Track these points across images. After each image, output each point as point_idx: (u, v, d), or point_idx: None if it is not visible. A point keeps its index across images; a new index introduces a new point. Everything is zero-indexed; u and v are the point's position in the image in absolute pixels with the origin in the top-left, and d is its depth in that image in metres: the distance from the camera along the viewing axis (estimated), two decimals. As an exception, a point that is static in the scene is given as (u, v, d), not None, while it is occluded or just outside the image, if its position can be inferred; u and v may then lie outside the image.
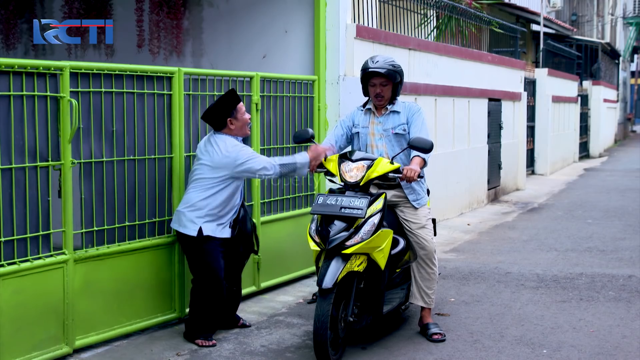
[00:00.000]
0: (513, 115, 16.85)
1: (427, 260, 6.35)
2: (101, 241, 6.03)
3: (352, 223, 5.64)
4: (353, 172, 5.86)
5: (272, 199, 7.77)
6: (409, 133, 6.26)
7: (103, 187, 6.02)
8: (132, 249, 6.26)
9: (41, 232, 5.54)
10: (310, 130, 6.29)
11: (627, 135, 40.96)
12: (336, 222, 5.63)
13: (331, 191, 5.89)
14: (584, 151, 27.58)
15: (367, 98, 6.47)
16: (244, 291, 7.13)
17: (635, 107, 48.88)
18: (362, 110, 6.46)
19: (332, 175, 6.06)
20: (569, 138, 24.51)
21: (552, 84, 21.26)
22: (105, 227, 6.05)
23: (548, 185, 18.23)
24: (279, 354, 6.03)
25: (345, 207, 5.62)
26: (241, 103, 6.25)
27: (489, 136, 14.90)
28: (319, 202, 5.70)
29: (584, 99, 27.21)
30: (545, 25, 22.90)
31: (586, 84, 28.30)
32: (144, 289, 6.41)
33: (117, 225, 6.14)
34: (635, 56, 46.86)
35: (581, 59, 28.09)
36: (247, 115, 6.27)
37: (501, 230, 11.84)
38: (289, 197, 8.06)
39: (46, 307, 5.57)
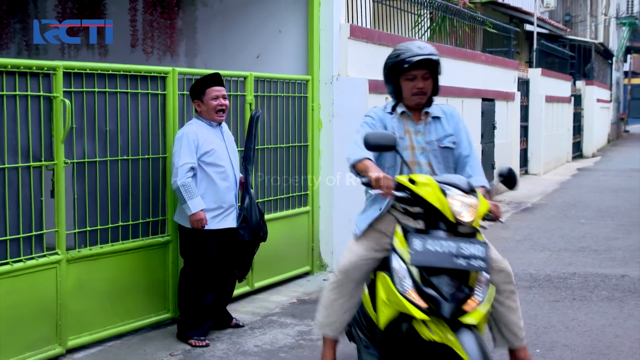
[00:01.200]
0: (506, 115, 16.87)
1: (508, 281, 4.74)
2: (94, 241, 6.02)
3: (464, 278, 4.08)
4: (465, 208, 4.13)
5: (266, 199, 7.77)
6: (458, 148, 4.83)
7: (96, 187, 6.01)
8: (126, 249, 6.25)
9: (34, 232, 5.53)
10: (393, 135, 4.45)
11: (620, 135, 41.04)
12: (443, 276, 4.02)
13: (418, 231, 4.21)
14: (577, 151, 27.63)
15: (386, 101, 4.99)
16: (237, 291, 7.13)
17: (629, 107, 48.99)
18: (391, 114, 4.79)
19: (420, 205, 4.21)
20: (562, 138, 24.55)
21: (545, 84, 21.29)
22: (99, 227, 6.05)
23: (541, 185, 18.26)
24: (273, 354, 6.03)
25: (459, 256, 4.01)
26: (214, 88, 6.25)
27: (482, 136, 14.91)
28: (419, 249, 4.03)
29: (577, 99, 27.26)
30: (538, 25, 22.94)
31: (579, 84, 28.34)
32: (138, 289, 6.40)
33: (110, 226, 6.14)
34: (629, 56, 46.97)
35: (574, 59, 28.13)
36: (217, 102, 6.25)
37: (494, 229, 11.85)
38: (283, 196, 8.06)
39: (39, 308, 5.56)
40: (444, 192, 4.12)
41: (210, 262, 6.23)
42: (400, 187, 4.27)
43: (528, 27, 24.26)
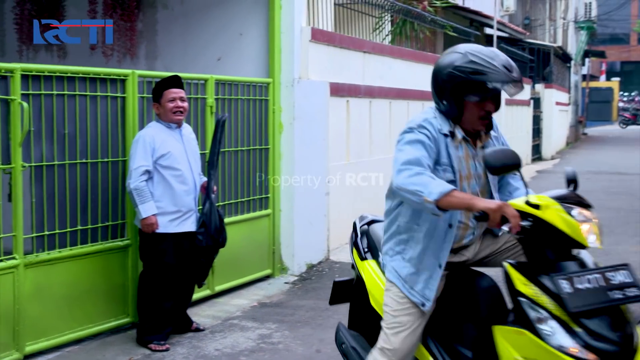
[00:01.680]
0: (467, 118, 16.97)
1: None
2: (52, 245, 5.96)
3: (618, 312, 3.31)
4: (587, 226, 3.44)
5: (227, 202, 7.74)
6: None
7: (55, 191, 5.95)
8: (85, 253, 6.20)
9: (-9, 237, 5.47)
10: (514, 151, 3.67)
11: (579, 137, 41.50)
12: (603, 317, 3.26)
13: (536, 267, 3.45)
14: (537, 153, 27.88)
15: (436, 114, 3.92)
16: (198, 295, 7.10)
17: (587, 110, 49.57)
18: (445, 135, 3.79)
19: (546, 231, 3.43)
20: (521, 140, 24.77)
21: (505, 87, 21.45)
22: (57, 231, 5.99)
23: (501, 188, 18.38)
24: (233, 357, 6.02)
25: (612, 289, 3.29)
26: (171, 90, 6.24)
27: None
28: (570, 290, 3.25)
29: (536, 102, 27.51)
30: (498, 29, 23.12)
31: (539, 87, 28.60)
32: (97, 294, 6.34)
33: (69, 230, 6.08)
34: (587, 60, 47.51)
35: (534, 62, 28.38)
36: (174, 104, 6.22)
37: None
38: (243, 200, 8.04)
39: (-4, 313, 5.49)
40: (568, 212, 3.43)
41: (168, 266, 6.20)
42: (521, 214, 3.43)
43: (488, 30, 24.44)
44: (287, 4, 8.69)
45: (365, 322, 4.47)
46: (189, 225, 6.28)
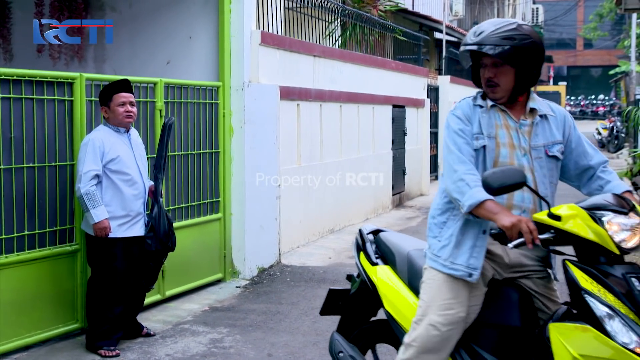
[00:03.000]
0: (417, 122, 17.10)
1: None
2: (-1, 251, 5.87)
3: None
4: (626, 231, 3.41)
5: (176, 206, 7.70)
6: (566, 159, 3.90)
7: (1, 195, 5.86)
8: (32, 259, 6.11)
9: None
10: (518, 169, 3.55)
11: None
12: None
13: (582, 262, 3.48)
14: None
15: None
16: (148, 300, 7.04)
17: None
18: (479, 106, 3.85)
19: (572, 242, 3.50)
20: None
21: (454, 91, 21.66)
22: (3, 236, 5.89)
23: (451, 191, 18.53)
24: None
25: None
26: (121, 94, 6.19)
27: (393, 142, 15.08)
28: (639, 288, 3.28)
29: (485, 106, 27.82)
30: (447, 34, 23.34)
31: (487, 91, 28.92)
32: (45, 300, 6.26)
33: (15, 235, 5.99)
34: (534, 64, 48.14)
35: (482, 67, 28.70)
36: (124, 108, 6.18)
37: (406, 234, 11.97)
38: (194, 204, 8.00)
39: (-59, 320, 5.39)
40: (598, 220, 3.40)
41: (117, 271, 6.14)
42: (541, 227, 3.48)
43: (437, 35, 24.65)
44: (237, 7, 8.67)
45: (362, 333, 4.52)
46: (138, 229, 6.24)
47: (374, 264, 4.42)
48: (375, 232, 4.63)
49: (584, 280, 3.39)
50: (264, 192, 8.78)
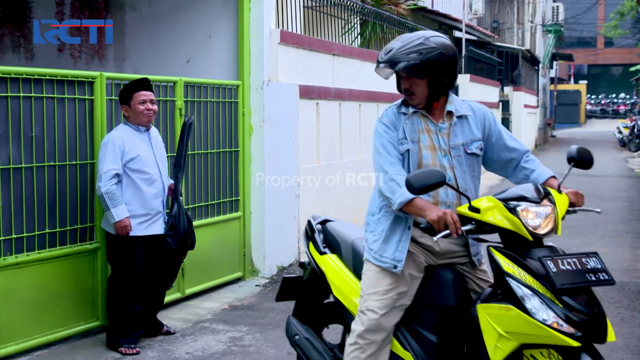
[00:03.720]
0: (436, 121, 17.05)
1: None
2: (20, 249, 5.90)
3: (592, 294, 3.69)
4: (539, 218, 3.75)
5: (196, 205, 7.72)
6: (486, 153, 4.28)
7: (22, 194, 5.89)
8: (53, 257, 6.15)
9: (-43, 241, 5.41)
10: (438, 170, 3.82)
11: (547, 140, 41.82)
12: (582, 296, 3.63)
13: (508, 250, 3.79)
14: (506, 156, 28.03)
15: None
16: (168, 298, 7.07)
17: (555, 112, 50.00)
18: (403, 113, 4.16)
19: (491, 231, 3.85)
20: (491, 143, 24.91)
21: (474, 90, 21.59)
22: (25, 234, 5.93)
23: (471, 190, 18.48)
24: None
25: (588, 272, 3.64)
26: (141, 92, 6.21)
27: (412, 141, 15.04)
28: (556, 270, 3.59)
29: (505, 105, 27.70)
30: (467, 32, 23.27)
31: (507, 89, 28.80)
32: (66, 297, 6.30)
33: (37, 233, 6.02)
34: (554, 63, 47.95)
35: (502, 65, 28.58)
36: (144, 106, 6.20)
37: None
38: (214, 202, 8.02)
39: (-37, 317, 5.43)
40: (513, 210, 3.73)
41: (137, 269, 6.17)
42: (464, 219, 3.81)
43: (457, 33, 24.58)
44: (256, 6, 8.68)
45: (315, 316, 4.92)
46: (158, 227, 6.26)
47: (322, 252, 4.76)
48: (324, 222, 4.97)
49: (506, 265, 3.70)
50: (284, 191, 8.78)
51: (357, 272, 4.41)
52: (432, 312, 4.10)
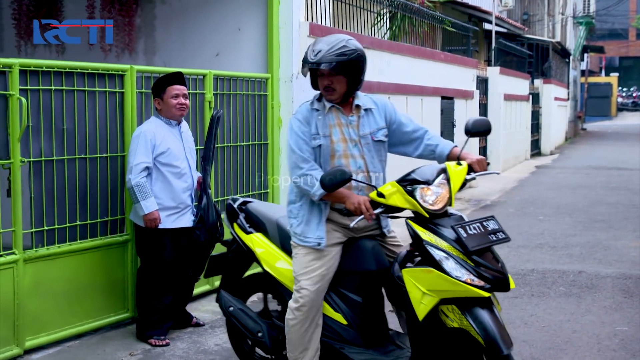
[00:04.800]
0: (466, 113, 16.98)
1: None
2: (52, 241, 5.96)
3: (493, 252, 4.39)
4: (433, 196, 4.40)
5: (226, 197, 7.73)
6: (391, 139, 4.89)
7: (53, 186, 5.95)
8: (84, 249, 6.20)
9: (-10, 232, 5.46)
10: (344, 168, 4.45)
11: (578, 133, 41.52)
12: (487, 254, 4.33)
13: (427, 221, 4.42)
14: (536, 149, 27.89)
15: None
16: (197, 290, 7.10)
17: (586, 105, 49.59)
18: (316, 109, 4.76)
19: (398, 210, 4.53)
20: (520, 136, 24.78)
21: (504, 83, 21.47)
22: (56, 226, 5.99)
23: (500, 183, 18.41)
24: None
25: (490, 233, 4.36)
26: (175, 87, 6.22)
27: (442, 134, 15.00)
28: (466, 234, 4.26)
29: (535, 97, 27.52)
30: (497, 24, 23.13)
31: (537, 82, 28.61)
32: (96, 289, 6.35)
33: (68, 225, 6.08)
34: (585, 55, 47.53)
35: (532, 58, 28.39)
36: (177, 100, 6.22)
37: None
38: (243, 195, 8.03)
39: (-4, 308, 5.49)
40: (411, 192, 4.39)
41: (166, 261, 6.20)
42: (374, 203, 4.50)
43: (487, 26, 24.44)
44: (286, -1, 8.69)
45: (242, 287, 5.51)
46: (186, 220, 6.29)
47: (248, 232, 5.30)
48: (243, 204, 5.51)
49: (423, 234, 4.34)
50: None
51: (285, 247, 5.01)
52: (356, 276, 4.74)
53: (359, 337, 4.77)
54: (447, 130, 15.39)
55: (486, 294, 4.20)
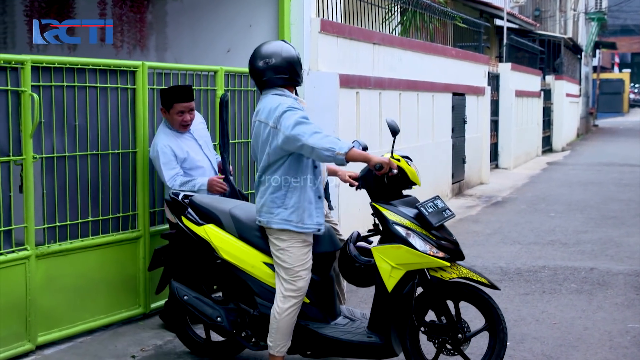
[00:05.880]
0: (477, 110, 16.96)
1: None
2: (64, 237, 5.98)
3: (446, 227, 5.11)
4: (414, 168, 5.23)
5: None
6: None
7: (65, 182, 5.97)
8: (96, 245, 6.22)
9: (3, 228, 5.48)
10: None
11: (590, 129, 41.39)
12: (445, 229, 5.06)
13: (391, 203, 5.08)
14: (547, 145, 27.83)
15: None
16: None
17: (598, 101, 49.41)
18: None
19: (404, 180, 5.14)
20: (532, 132, 24.73)
21: (515, 79, 21.42)
22: (68, 222, 6.01)
23: (512, 179, 18.38)
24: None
25: (442, 211, 5.09)
26: (181, 105, 6.18)
27: (453, 130, 14.98)
28: (427, 213, 4.94)
29: (547, 94, 27.45)
30: (508, 20, 23.07)
31: (549, 78, 28.55)
32: (108, 285, 6.37)
33: (80, 221, 6.10)
34: (597, 51, 47.34)
35: (544, 54, 28.33)
36: (182, 117, 6.21)
37: (465, 223, 11.91)
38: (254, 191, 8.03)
39: (8, 304, 5.51)
40: (408, 159, 5.26)
41: None
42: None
43: (498, 22, 24.38)
44: (297, -5, 8.68)
45: (191, 276, 5.52)
46: None
47: (199, 224, 5.37)
48: (185, 197, 5.59)
49: (390, 215, 4.96)
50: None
51: (242, 236, 5.24)
52: (316, 258, 5.12)
53: (320, 313, 5.21)
54: (458, 126, 15.37)
55: (447, 264, 4.88)
